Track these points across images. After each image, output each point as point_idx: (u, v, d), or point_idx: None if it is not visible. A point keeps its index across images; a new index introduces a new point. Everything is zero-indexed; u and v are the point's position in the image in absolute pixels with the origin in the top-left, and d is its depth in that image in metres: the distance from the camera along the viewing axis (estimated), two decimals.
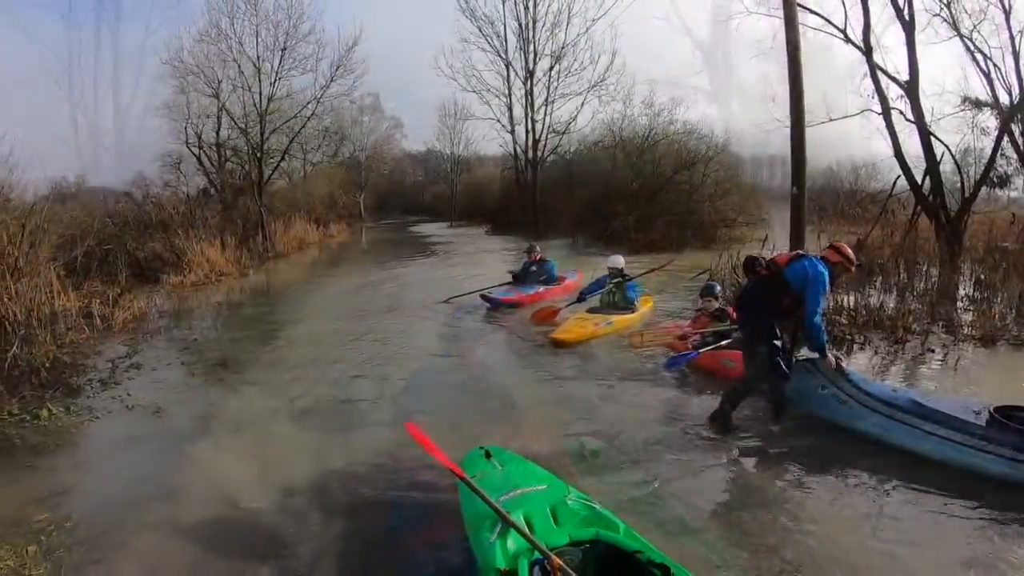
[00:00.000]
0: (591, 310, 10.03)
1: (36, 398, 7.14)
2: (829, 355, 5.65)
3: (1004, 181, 17.88)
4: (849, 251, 5.68)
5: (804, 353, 5.99)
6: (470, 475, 3.85)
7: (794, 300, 5.48)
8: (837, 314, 9.29)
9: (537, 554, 3.12)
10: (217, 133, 26.63)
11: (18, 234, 9.54)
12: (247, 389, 7.87)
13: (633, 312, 10.06)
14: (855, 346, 8.41)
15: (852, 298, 9.88)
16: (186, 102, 26.14)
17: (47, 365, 7.99)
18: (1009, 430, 4.60)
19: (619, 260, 10.38)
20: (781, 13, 14.05)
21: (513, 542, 3.29)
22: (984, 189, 18.34)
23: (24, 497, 4.93)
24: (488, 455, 4.34)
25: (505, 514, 3.35)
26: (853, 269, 5.91)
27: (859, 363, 7.63)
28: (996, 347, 8.15)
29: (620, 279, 10.18)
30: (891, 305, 9.61)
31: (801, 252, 5.76)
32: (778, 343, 5.50)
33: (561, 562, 2.99)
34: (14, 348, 8.01)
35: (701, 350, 7.33)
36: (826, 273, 5.40)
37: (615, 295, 10.10)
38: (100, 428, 6.58)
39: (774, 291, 5.51)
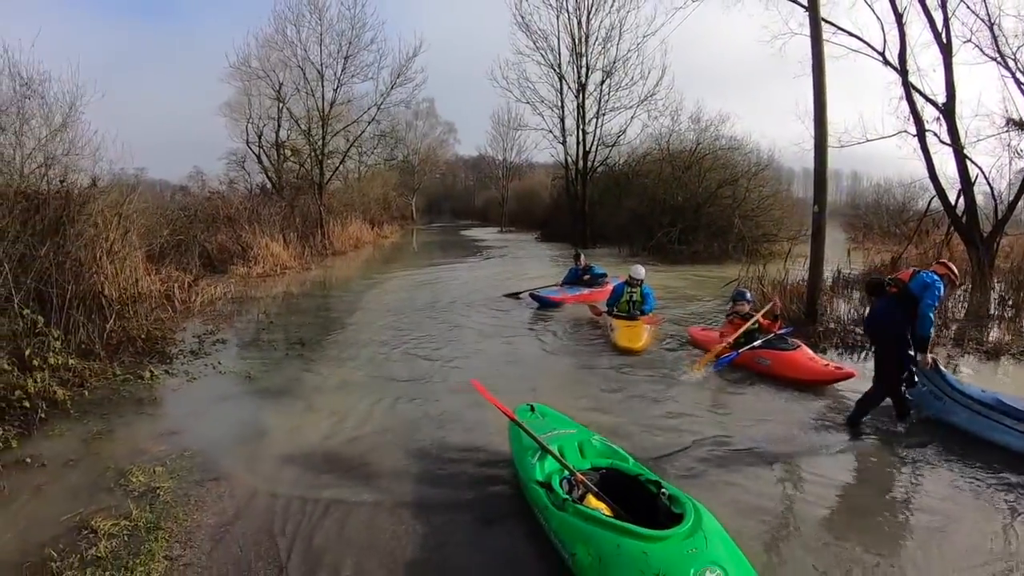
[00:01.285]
0: (619, 316, 10.64)
1: (135, 364, 8.23)
2: (928, 356, 6.28)
3: None
4: (953, 267, 6.40)
5: None
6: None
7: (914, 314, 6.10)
8: (855, 324, 9.96)
9: (566, 473, 4.17)
10: (277, 134, 28.00)
11: (113, 219, 10.63)
12: (325, 361, 8.95)
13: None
14: (868, 353, 8.99)
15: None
16: (248, 103, 27.65)
17: (143, 336, 9.10)
18: None
19: (640, 270, 11.04)
20: (827, 34, 14.70)
21: (548, 465, 4.36)
22: None
23: (143, 435, 5.98)
24: (532, 409, 5.43)
25: (545, 444, 4.36)
26: (956, 283, 6.85)
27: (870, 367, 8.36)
28: (999, 360, 8.68)
29: (639, 287, 10.83)
30: None
31: (917, 268, 6.34)
32: (912, 352, 6.11)
33: (583, 477, 4.05)
34: (110, 322, 9.10)
35: (740, 350, 8.29)
36: (940, 282, 6.06)
37: (636, 303, 10.74)
38: (198, 387, 7.64)
39: (906, 304, 6.10)
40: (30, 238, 8.66)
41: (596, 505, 3.84)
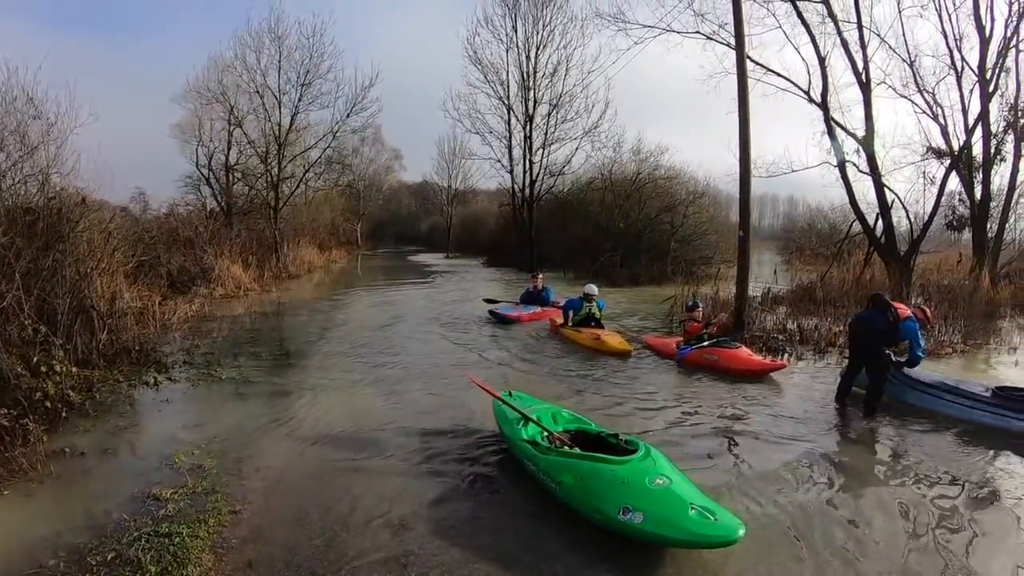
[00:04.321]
0: (582, 325, 12.21)
1: (134, 372, 8.90)
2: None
3: (962, 224, 19.76)
4: (928, 312, 8.28)
5: None
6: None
7: (897, 342, 7.71)
8: (779, 332, 11.33)
9: (545, 433, 5.58)
10: (227, 156, 28.10)
11: (103, 240, 11.19)
12: (314, 367, 9.77)
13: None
14: (787, 355, 10.50)
15: (793, 322, 12.17)
16: (198, 124, 27.78)
17: (136, 348, 9.73)
18: (1008, 399, 6.97)
19: (593, 288, 12.79)
20: (758, 74, 16.27)
21: (531, 430, 5.72)
22: (949, 233, 20.29)
23: (170, 427, 6.78)
24: (510, 394, 6.60)
25: (527, 413, 5.74)
26: (928, 325, 8.59)
27: (795, 368, 9.80)
28: None
29: (595, 301, 12.46)
30: (825, 327, 11.54)
31: (909, 314, 7.67)
32: (887, 357, 7.58)
33: (559, 435, 5.41)
34: (103, 334, 9.68)
35: (694, 347, 9.99)
36: (917, 327, 7.59)
37: (594, 314, 12.37)
38: (203, 390, 8.41)
39: (891, 334, 7.55)
40: (35, 252, 9.19)
41: None
